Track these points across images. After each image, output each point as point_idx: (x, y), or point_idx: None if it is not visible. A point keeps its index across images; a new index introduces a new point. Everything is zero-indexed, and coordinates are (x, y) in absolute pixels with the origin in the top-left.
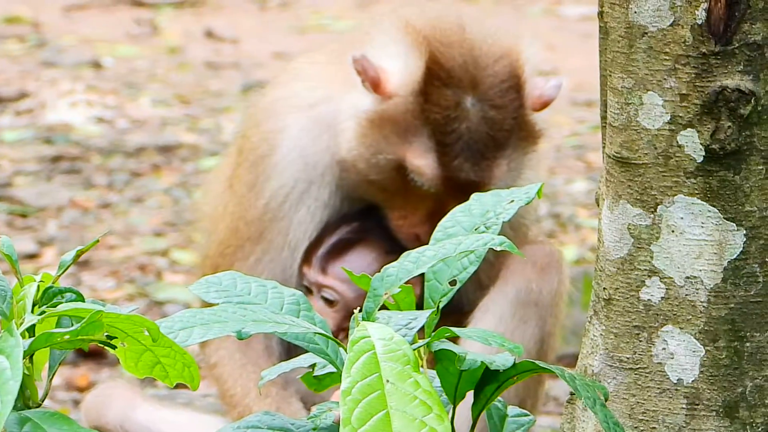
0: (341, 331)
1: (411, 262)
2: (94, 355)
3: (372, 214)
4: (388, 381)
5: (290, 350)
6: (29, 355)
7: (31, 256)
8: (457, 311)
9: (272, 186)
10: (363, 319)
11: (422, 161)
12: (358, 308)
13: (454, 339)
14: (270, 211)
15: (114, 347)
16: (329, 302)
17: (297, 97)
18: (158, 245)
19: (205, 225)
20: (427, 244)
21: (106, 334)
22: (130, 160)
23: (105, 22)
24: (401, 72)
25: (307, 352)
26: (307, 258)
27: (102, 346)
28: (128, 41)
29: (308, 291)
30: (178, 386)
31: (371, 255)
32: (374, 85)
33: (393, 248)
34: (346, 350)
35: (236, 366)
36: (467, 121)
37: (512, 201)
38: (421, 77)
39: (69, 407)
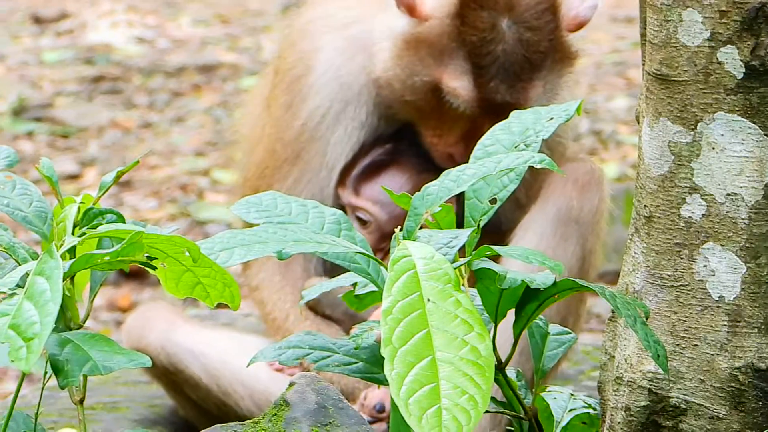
0: (377, 252)
1: (451, 181)
2: (135, 276)
3: (406, 135)
4: (429, 300)
5: (331, 271)
6: (70, 276)
7: (73, 177)
8: (495, 231)
9: (308, 106)
10: (404, 238)
11: (458, 83)
12: (399, 227)
13: (495, 258)
14: (307, 132)
15: (154, 268)
16: (363, 223)
17: (332, 17)
18: (199, 165)
19: (244, 146)
20: (461, 163)
21: (146, 255)
22: (171, 80)
23: None
24: None
25: (347, 272)
26: (341, 179)
27: (143, 266)
28: None
29: (343, 211)
30: (218, 306)
31: (404, 176)
32: (410, 7)
33: (426, 169)
34: (386, 269)
35: (276, 289)
36: (503, 43)
37: (551, 119)
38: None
39: (111, 328)
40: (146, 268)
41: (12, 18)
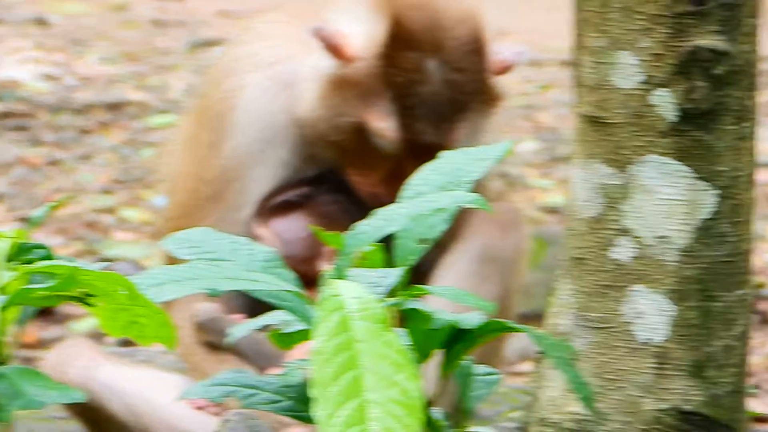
0: None
1: (383, 220)
2: (42, 313)
3: (330, 180)
4: (359, 340)
5: (249, 308)
6: (3, 310)
7: None
8: (415, 270)
9: (231, 145)
10: (335, 277)
11: (384, 124)
12: (329, 266)
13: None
14: (229, 171)
15: (90, 305)
16: None
17: (257, 55)
18: (106, 202)
19: (167, 186)
20: (386, 204)
21: (82, 291)
22: (78, 117)
23: None
24: (363, 35)
25: (269, 310)
26: (257, 210)
27: (77, 303)
28: None
29: None
30: (127, 343)
31: (309, 220)
32: (336, 49)
33: (337, 218)
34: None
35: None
36: (430, 84)
37: (483, 159)
38: (385, 40)
39: (18, 364)
40: (75, 304)
41: None
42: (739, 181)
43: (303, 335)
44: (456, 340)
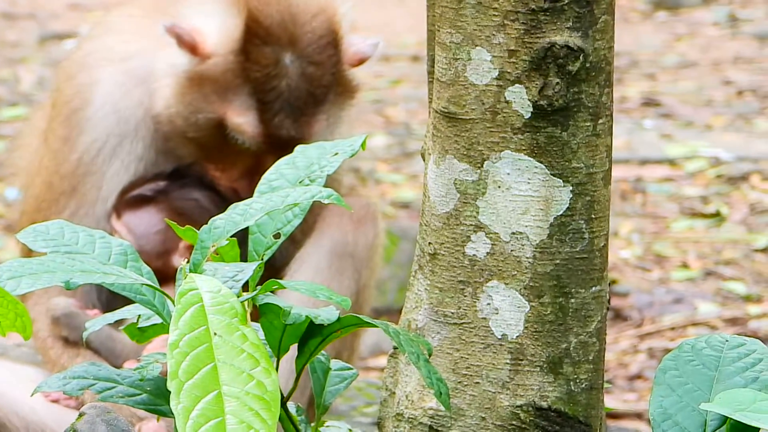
0: None
1: (238, 215)
2: None
3: (189, 175)
4: (215, 334)
5: (106, 302)
6: None
7: None
8: (270, 264)
9: (85, 140)
10: (190, 271)
11: (243, 119)
12: (185, 260)
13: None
14: (83, 165)
15: None
16: None
17: (110, 50)
18: None
19: (21, 179)
20: (245, 198)
21: None
22: None
23: None
24: (219, 31)
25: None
26: (113, 205)
27: None
28: None
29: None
30: None
31: (160, 215)
32: (191, 46)
33: (191, 213)
34: (173, 302)
35: (47, 320)
36: (287, 78)
37: (336, 153)
38: (240, 35)
39: None
40: None
41: None
42: (594, 178)
43: (159, 329)
44: (311, 335)
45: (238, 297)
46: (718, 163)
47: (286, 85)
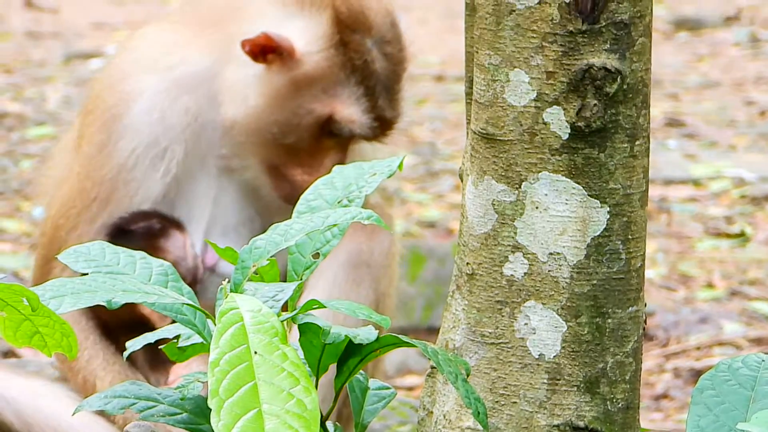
0: None
1: (279, 235)
2: None
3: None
4: (256, 353)
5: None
6: None
7: None
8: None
9: (125, 147)
10: (231, 291)
11: (352, 109)
12: (227, 279)
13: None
14: (121, 172)
15: None
16: None
17: (153, 60)
18: None
19: (49, 186)
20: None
21: None
22: None
23: None
24: (304, 32)
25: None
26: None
27: None
28: None
29: None
30: (7, 354)
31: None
32: (287, 53)
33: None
34: (214, 322)
35: (80, 332)
36: (378, 62)
37: (374, 174)
38: (332, 29)
39: None
40: None
41: None
42: (631, 199)
43: (199, 348)
44: (350, 354)
45: (278, 316)
46: (741, 183)
47: (379, 68)
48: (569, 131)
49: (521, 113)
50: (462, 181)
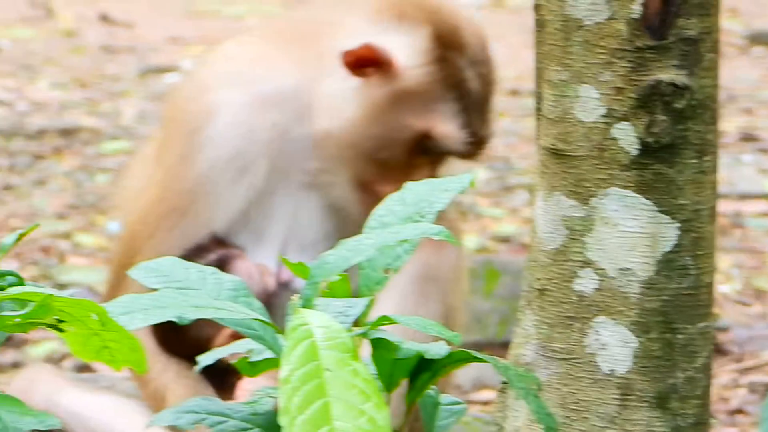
0: None
1: (349, 251)
2: None
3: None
4: (327, 369)
5: None
6: None
7: None
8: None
9: (208, 158)
10: (302, 306)
11: (449, 126)
12: (297, 295)
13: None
14: (204, 183)
15: (61, 330)
16: None
17: (237, 74)
18: (61, 228)
19: (125, 201)
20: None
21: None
22: (32, 142)
23: None
24: (407, 45)
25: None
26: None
27: (49, 328)
28: (23, 24)
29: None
30: (83, 369)
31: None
32: (387, 67)
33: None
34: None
35: (152, 343)
36: (472, 80)
37: (446, 190)
38: (432, 45)
39: None
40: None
41: None
42: (700, 215)
43: (269, 364)
44: (422, 370)
45: (349, 332)
46: None
47: (474, 85)
48: (638, 147)
49: (590, 129)
50: (532, 196)
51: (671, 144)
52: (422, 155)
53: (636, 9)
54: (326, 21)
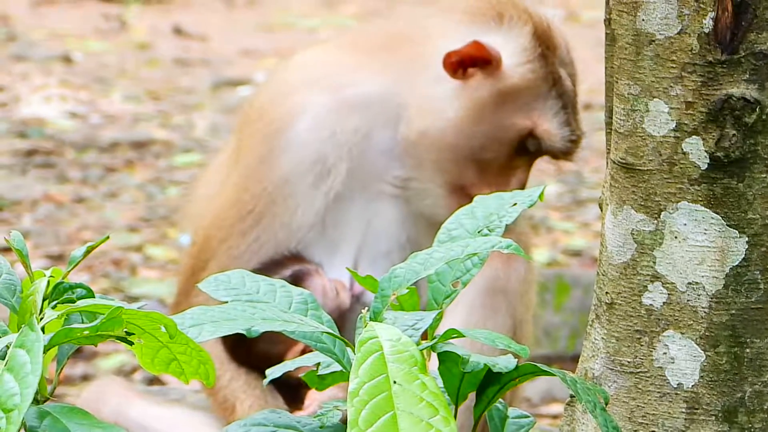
0: None
1: (419, 264)
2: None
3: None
4: (395, 382)
5: None
6: (47, 349)
7: (6, 250)
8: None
9: (289, 161)
10: (371, 320)
11: (551, 124)
12: (366, 308)
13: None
14: (284, 186)
15: (131, 343)
16: None
17: (319, 78)
18: (132, 240)
19: (196, 210)
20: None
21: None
22: (104, 155)
23: (73, 17)
24: (510, 43)
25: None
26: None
27: (118, 341)
28: (97, 36)
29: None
30: (155, 381)
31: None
32: (493, 65)
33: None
34: (353, 350)
35: (218, 364)
36: (567, 80)
37: (515, 204)
38: (534, 42)
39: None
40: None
41: None
42: None
43: (338, 377)
44: (489, 383)
45: (418, 345)
46: None
47: (568, 86)
48: (708, 161)
49: (660, 143)
50: (601, 210)
51: (741, 158)
52: (522, 155)
53: (707, 23)
54: (416, 26)
